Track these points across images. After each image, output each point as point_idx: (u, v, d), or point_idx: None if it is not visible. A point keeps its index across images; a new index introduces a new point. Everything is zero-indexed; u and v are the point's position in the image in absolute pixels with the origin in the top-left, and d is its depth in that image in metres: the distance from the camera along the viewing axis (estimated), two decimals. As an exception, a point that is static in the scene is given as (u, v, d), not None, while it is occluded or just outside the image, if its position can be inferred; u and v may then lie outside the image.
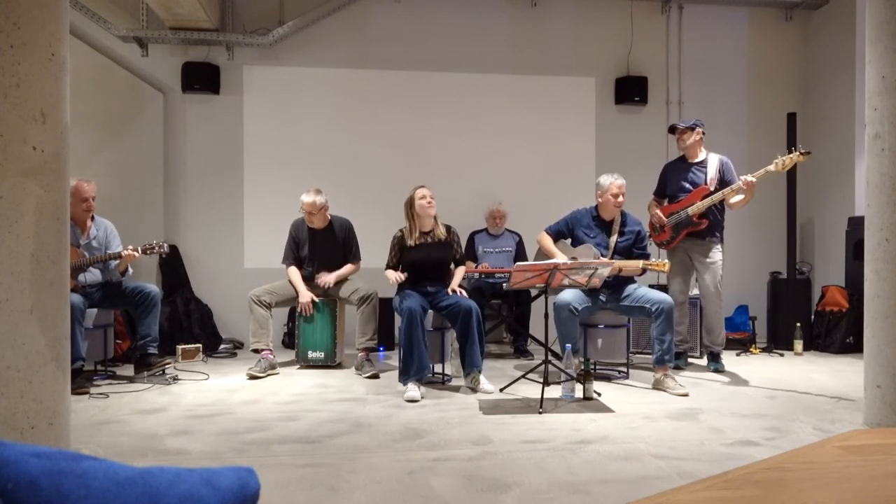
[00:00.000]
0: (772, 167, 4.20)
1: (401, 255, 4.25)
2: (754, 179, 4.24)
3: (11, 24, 2.26)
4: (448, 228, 4.32)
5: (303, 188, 4.76)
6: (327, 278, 4.69)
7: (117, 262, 4.28)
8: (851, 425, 3.16)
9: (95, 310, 4.26)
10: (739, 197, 4.38)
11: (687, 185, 4.60)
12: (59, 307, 2.42)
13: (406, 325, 3.86)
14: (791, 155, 4.16)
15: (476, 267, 5.28)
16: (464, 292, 4.18)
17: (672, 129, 4.76)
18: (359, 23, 6.18)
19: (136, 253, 4.20)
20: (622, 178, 4.25)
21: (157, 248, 4.28)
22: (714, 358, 4.68)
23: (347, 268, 4.79)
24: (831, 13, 6.37)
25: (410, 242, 4.22)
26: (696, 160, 4.64)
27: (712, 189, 4.48)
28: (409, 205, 4.24)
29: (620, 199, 4.21)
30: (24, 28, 2.29)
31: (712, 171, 4.55)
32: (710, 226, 4.52)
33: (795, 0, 6.47)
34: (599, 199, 4.29)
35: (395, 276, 4.13)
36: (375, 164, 6.18)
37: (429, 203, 4.18)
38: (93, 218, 4.35)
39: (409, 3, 6.23)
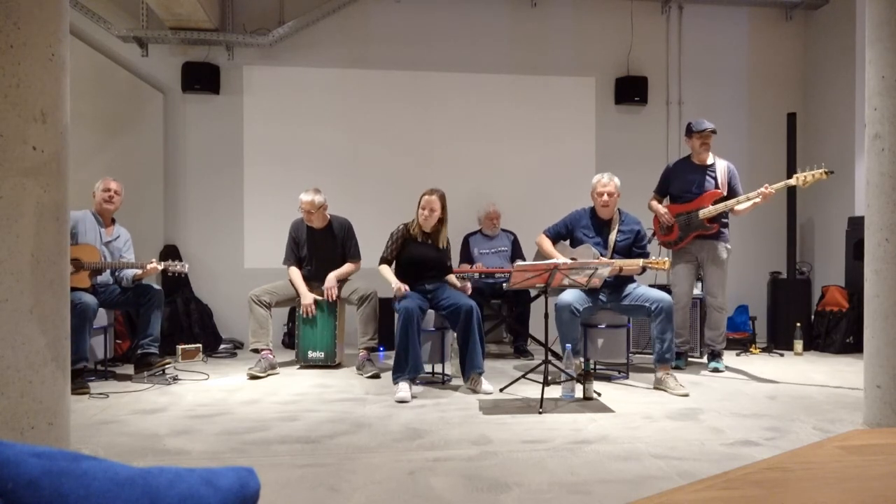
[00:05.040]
0: (792, 181, 4.26)
1: (402, 248, 4.25)
2: (773, 191, 4.26)
3: (11, 24, 2.26)
4: (446, 241, 4.35)
5: (303, 188, 4.76)
6: (330, 287, 4.65)
7: (135, 272, 4.33)
8: (851, 425, 3.16)
9: (102, 310, 4.28)
10: (747, 204, 4.40)
11: (695, 188, 4.61)
12: (59, 307, 2.41)
13: (402, 324, 3.86)
14: (814, 171, 4.16)
15: (471, 268, 5.28)
16: (468, 285, 4.16)
17: (689, 131, 4.72)
18: (359, 23, 6.19)
19: (158, 267, 4.31)
20: (612, 177, 4.23)
21: (178, 266, 4.40)
22: (715, 357, 4.69)
23: (347, 266, 4.79)
24: (831, 13, 6.37)
25: (413, 235, 4.24)
26: (707, 164, 4.66)
27: (724, 193, 4.50)
28: (418, 205, 4.25)
29: (605, 198, 4.20)
30: (24, 28, 2.29)
31: (721, 176, 4.58)
32: (719, 228, 4.54)
33: (795, 0, 6.47)
34: (592, 200, 4.31)
35: (399, 287, 4.05)
36: (375, 164, 6.18)
37: (425, 219, 4.20)
38: (114, 220, 4.49)
39: (409, 3, 6.23)
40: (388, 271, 4.24)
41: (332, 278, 4.68)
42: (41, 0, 2.34)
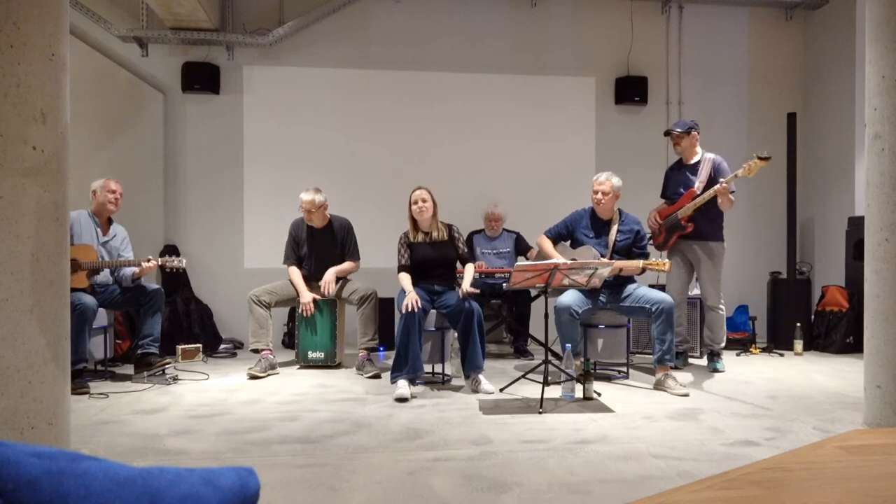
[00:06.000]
0: (740, 171, 4.29)
1: (410, 252, 4.25)
2: (726, 185, 4.34)
3: (11, 24, 2.26)
4: (449, 228, 4.32)
5: (303, 188, 4.76)
6: (328, 280, 4.65)
7: (134, 270, 4.33)
8: (851, 425, 3.16)
9: (102, 310, 4.28)
10: (725, 198, 4.42)
11: (680, 189, 4.64)
12: (59, 307, 2.41)
13: (404, 323, 3.86)
14: (754, 160, 4.22)
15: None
16: (474, 291, 4.11)
17: (668, 133, 4.77)
18: (359, 23, 6.19)
19: (156, 263, 4.30)
20: (610, 176, 4.22)
21: (176, 262, 4.39)
22: (714, 357, 4.69)
23: (347, 264, 4.79)
24: (831, 13, 6.37)
25: (413, 240, 4.24)
26: (692, 162, 4.67)
27: (699, 192, 4.52)
28: (409, 206, 4.26)
29: (598, 196, 4.20)
30: (24, 28, 2.29)
31: (703, 174, 4.59)
32: (700, 227, 4.55)
33: (795, 0, 6.48)
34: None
35: (413, 299, 3.92)
36: (375, 164, 6.18)
37: (419, 209, 4.19)
38: (111, 220, 4.47)
39: (409, 3, 6.24)
40: (406, 280, 4.15)
41: (330, 272, 4.66)
42: (41, 0, 2.34)
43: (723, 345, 4.73)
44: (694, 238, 4.58)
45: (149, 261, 4.28)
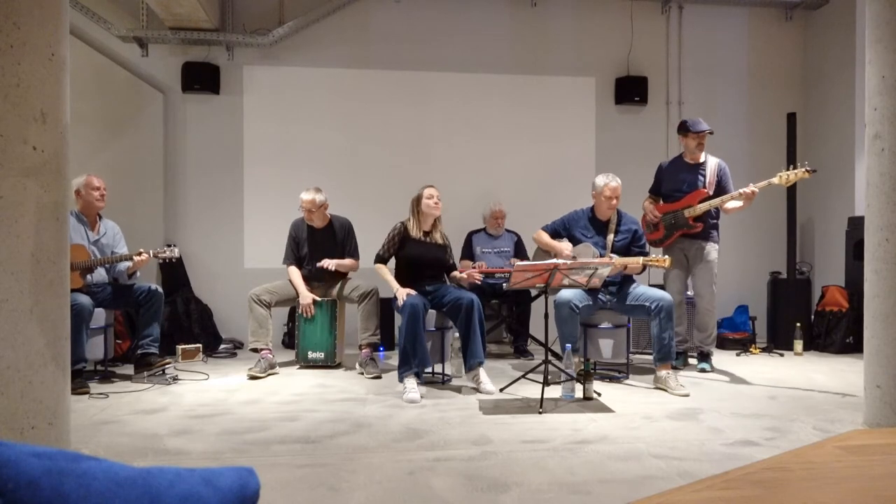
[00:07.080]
0: (775, 180, 4.24)
1: (400, 246, 4.24)
2: (757, 190, 4.27)
3: (11, 24, 2.26)
4: (446, 238, 4.35)
5: (303, 188, 4.76)
6: (328, 263, 4.64)
7: (127, 265, 4.32)
8: (851, 425, 3.16)
9: (101, 310, 4.27)
10: (737, 203, 4.40)
11: (684, 187, 4.62)
12: (59, 307, 2.41)
13: (408, 319, 3.85)
14: (796, 170, 4.17)
15: (474, 267, 5.28)
16: (476, 276, 4.23)
17: (684, 130, 4.69)
18: (359, 23, 6.19)
19: (147, 256, 4.26)
20: (617, 179, 4.24)
21: (167, 252, 4.36)
22: (703, 357, 4.68)
23: (348, 260, 4.79)
24: (831, 13, 6.37)
25: (412, 234, 4.23)
26: (699, 162, 4.66)
27: (710, 193, 4.50)
28: (416, 201, 4.26)
29: (614, 201, 4.21)
30: (24, 28, 2.29)
31: (710, 175, 4.57)
32: (705, 228, 4.54)
33: (795, 0, 6.47)
34: (594, 200, 4.31)
35: (403, 293, 3.99)
36: (375, 164, 6.18)
37: (435, 204, 4.20)
38: (100, 217, 4.42)
39: (409, 3, 6.23)
40: (385, 272, 4.21)
41: (332, 262, 4.66)
42: (41, 0, 2.34)
43: (713, 345, 4.72)
44: (696, 237, 4.58)
45: (140, 254, 4.25)
